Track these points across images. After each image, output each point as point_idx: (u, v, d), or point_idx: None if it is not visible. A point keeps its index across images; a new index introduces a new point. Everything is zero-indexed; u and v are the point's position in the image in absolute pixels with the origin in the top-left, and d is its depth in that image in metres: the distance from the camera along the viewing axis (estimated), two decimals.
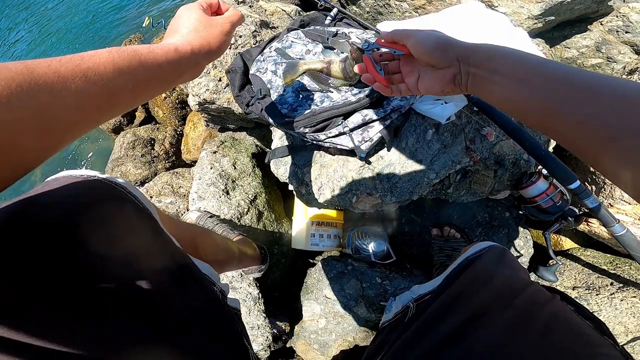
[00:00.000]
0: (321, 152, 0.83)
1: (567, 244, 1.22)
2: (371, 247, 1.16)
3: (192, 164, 1.65)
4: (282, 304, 1.37)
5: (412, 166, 0.76)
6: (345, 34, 0.83)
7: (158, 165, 1.64)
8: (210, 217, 1.08)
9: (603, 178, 0.92)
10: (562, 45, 1.25)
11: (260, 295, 1.10)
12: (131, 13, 2.38)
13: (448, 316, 0.48)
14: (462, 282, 0.52)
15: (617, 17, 1.16)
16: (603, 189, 0.92)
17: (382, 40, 0.51)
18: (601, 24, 1.19)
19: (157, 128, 1.73)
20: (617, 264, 1.09)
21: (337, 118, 0.68)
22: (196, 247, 0.65)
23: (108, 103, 0.35)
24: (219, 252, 0.77)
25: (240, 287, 1.08)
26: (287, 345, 1.30)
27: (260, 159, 1.30)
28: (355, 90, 0.70)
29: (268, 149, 1.37)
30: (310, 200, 0.90)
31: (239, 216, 1.15)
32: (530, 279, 0.51)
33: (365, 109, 0.67)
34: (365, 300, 1.15)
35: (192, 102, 1.05)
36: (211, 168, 1.20)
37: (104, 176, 0.42)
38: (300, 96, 0.74)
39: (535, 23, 0.95)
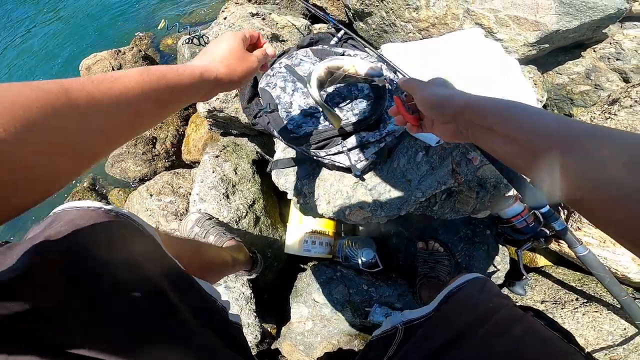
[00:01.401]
0: (320, 166, 0.91)
1: (541, 261, 1.32)
2: (360, 256, 1.24)
3: (192, 164, 1.70)
4: (271, 307, 1.43)
5: (402, 185, 0.85)
6: (351, 56, 0.91)
7: (158, 164, 1.69)
8: (209, 219, 1.14)
9: None
10: (554, 71, 1.29)
11: (252, 295, 1.16)
12: (145, 9, 2.44)
13: (431, 339, 0.54)
14: (446, 309, 0.58)
15: (610, 44, 1.18)
16: (573, 214, 1.02)
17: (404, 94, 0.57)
18: (594, 51, 1.21)
19: (160, 127, 1.75)
20: (584, 282, 1.18)
21: (337, 138, 0.76)
22: (195, 264, 0.69)
23: (132, 127, 0.36)
24: (214, 265, 0.83)
25: (234, 286, 1.14)
26: (273, 347, 1.36)
27: (260, 166, 1.37)
28: (357, 111, 0.78)
29: (268, 157, 1.45)
30: (307, 209, 0.97)
31: (237, 219, 1.22)
32: (509, 302, 0.55)
33: (363, 131, 0.75)
34: (351, 306, 1.22)
35: (201, 109, 1.12)
36: (213, 172, 1.26)
37: (108, 207, 0.45)
38: (306, 114, 0.82)
39: (530, 50, 1.01)
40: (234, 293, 1.14)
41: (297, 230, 1.32)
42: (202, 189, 1.23)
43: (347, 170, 0.83)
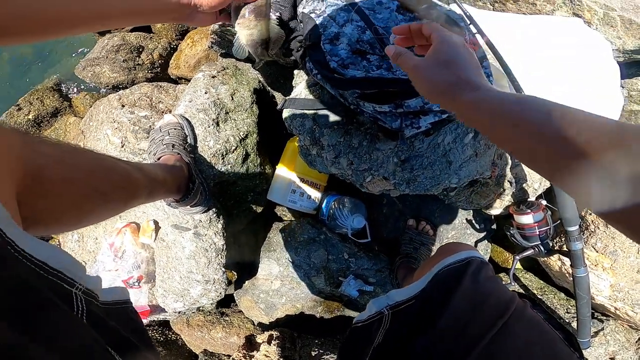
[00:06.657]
0: (349, 116, 0.72)
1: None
2: (351, 221, 1.11)
3: (178, 80, 1.44)
4: (235, 253, 1.29)
5: (440, 165, 0.70)
6: None
7: (139, 74, 1.46)
8: (174, 129, 0.92)
9: (590, 223, 0.94)
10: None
11: (224, 247, 0.99)
12: None
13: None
14: (455, 305, 0.46)
15: None
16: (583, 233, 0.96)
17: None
18: None
19: (150, 37, 1.54)
20: (545, 291, 1.18)
21: (396, 93, 0.57)
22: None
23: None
24: (116, 190, 0.57)
25: (206, 234, 0.96)
26: (227, 293, 1.24)
27: (260, 96, 1.14)
28: None
29: (270, 88, 1.21)
30: (316, 162, 0.80)
31: (225, 153, 1.01)
32: (509, 290, 0.50)
33: None
34: (326, 272, 1.12)
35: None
36: (206, 92, 1.02)
37: None
38: (356, 52, 0.61)
39: (619, 56, 0.88)
40: (204, 242, 0.96)
41: (286, 177, 1.13)
42: (189, 110, 0.99)
43: (386, 131, 0.66)
